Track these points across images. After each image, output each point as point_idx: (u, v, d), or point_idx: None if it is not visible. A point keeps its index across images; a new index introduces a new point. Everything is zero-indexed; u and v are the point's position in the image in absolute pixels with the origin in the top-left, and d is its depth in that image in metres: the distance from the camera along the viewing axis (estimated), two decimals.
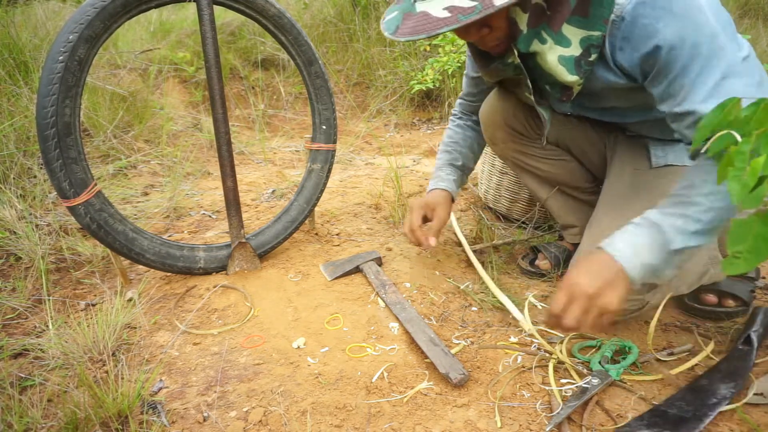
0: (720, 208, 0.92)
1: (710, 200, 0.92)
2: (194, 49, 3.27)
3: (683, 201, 0.95)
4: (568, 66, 1.05)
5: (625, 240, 0.96)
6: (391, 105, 3.37)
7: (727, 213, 0.94)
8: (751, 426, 0.95)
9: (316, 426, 0.96)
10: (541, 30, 1.03)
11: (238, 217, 1.44)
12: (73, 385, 1.03)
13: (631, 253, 0.95)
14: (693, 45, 0.91)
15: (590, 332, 1.05)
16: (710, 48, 0.90)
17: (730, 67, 0.91)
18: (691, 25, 0.90)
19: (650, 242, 0.94)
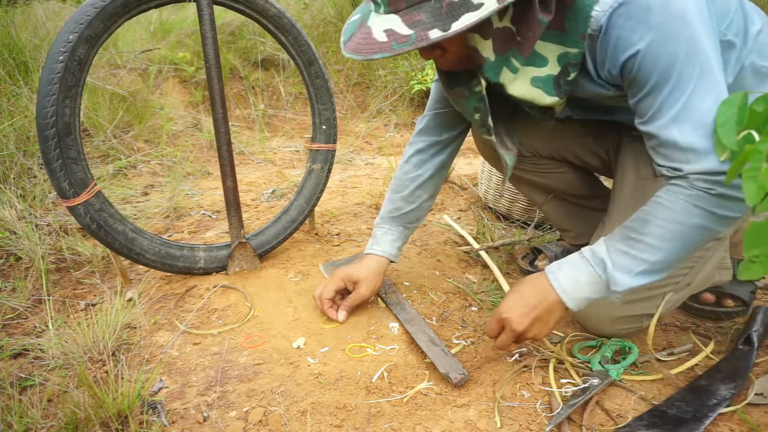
0: (671, 249, 0.90)
1: (662, 238, 0.90)
2: (194, 49, 3.26)
3: (633, 237, 0.93)
4: (545, 87, 0.96)
5: (569, 275, 0.97)
6: (391, 105, 3.37)
7: (680, 253, 0.92)
8: (751, 426, 0.95)
9: (316, 426, 0.96)
10: (510, 57, 0.92)
11: (238, 217, 1.44)
12: (73, 385, 1.03)
13: (572, 289, 0.96)
14: (666, 63, 0.84)
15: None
16: (684, 66, 0.84)
17: (702, 85, 0.85)
18: (666, 39, 0.83)
19: (593, 280, 0.95)
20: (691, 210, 0.88)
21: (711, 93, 0.85)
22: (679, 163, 0.88)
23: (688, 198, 0.88)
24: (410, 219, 1.33)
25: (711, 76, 0.85)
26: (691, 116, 0.85)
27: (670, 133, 0.87)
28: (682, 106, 0.86)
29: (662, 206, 0.91)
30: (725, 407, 0.98)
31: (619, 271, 0.92)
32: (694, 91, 0.85)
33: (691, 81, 0.84)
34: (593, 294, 0.96)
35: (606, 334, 1.20)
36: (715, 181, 0.85)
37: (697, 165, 0.86)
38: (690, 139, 0.85)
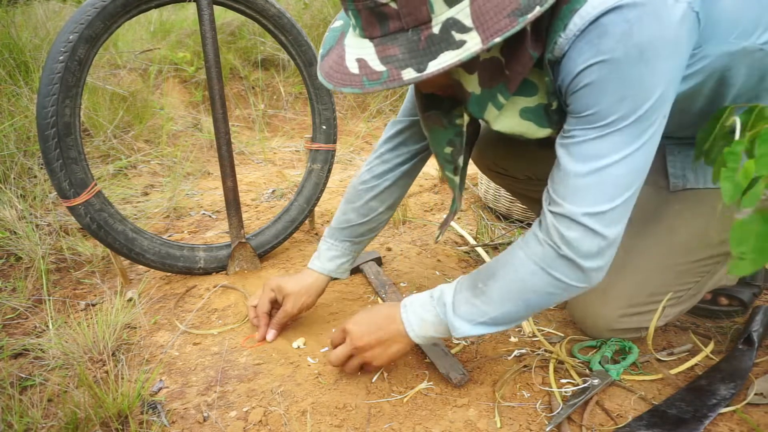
0: (512, 308, 0.89)
1: (503, 297, 0.89)
2: (194, 49, 3.26)
3: (479, 287, 0.91)
4: (536, 119, 0.88)
5: (417, 312, 0.96)
6: (391, 105, 3.37)
7: (522, 313, 0.90)
8: (751, 426, 0.95)
9: (316, 426, 0.96)
10: (496, 92, 0.84)
11: (238, 217, 1.44)
12: (73, 385, 1.03)
13: (417, 325, 0.96)
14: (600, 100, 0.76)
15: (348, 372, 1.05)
16: (618, 111, 0.76)
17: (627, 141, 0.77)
18: (611, 73, 0.74)
19: (436, 321, 0.94)
20: (537, 274, 0.85)
21: (627, 147, 0.78)
22: (557, 196, 0.83)
23: (536, 259, 0.85)
24: (360, 232, 1.21)
25: (641, 126, 0.77)
26: (593, 161, 0.79)
27: (568, 164, 0.81)
28: (591, 145, 0.79)
29: (511, 265, 0.88)
30: (725, 407, 0.98)
31: (459, 318, 0.91)
32: (612, 135, 0.77)
33: (618, 124, 0.77)
34: (436, 333, 0.95)
35: (603, 338, 1.20)
36: (562, 236, 0.82)
37: (566, 206, 0.81)
38: (578, 182, 0.80)
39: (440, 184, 2.21)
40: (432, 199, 2.08)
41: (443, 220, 1.14)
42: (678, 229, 1.06)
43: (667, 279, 1.10)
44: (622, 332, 1.16)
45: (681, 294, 1.12)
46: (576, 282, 0.85)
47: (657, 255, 1.10)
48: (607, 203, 0.80)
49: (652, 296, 1.10)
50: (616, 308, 1.12)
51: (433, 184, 2.21)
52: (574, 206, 0.81)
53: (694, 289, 1.14)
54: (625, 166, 0.79)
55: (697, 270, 1.11)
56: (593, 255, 0.82)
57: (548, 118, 0.87)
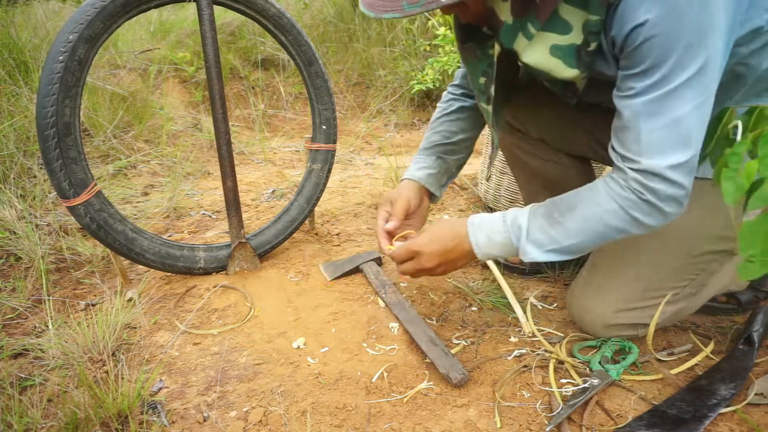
0: (585, 239, 0.94)
1: (579, 228, 0.93)
2: (194, 49, 3.26)
3: (555, 218, 0.96)
4: (565, 58, 0.89)
5: (486, 233, 1.01)
6: (391, 105, 3.37)
7: (592, 245, 0.95)
8: (751, 426, 0.95)
9: (316, 426, 0.96)
10: (527, 22, 0.87)
11: (238, 217, 1.44)
12: (73, 385, 1.03)
13: (485, 245, 1.01)
14: (664, 48, 0.79)
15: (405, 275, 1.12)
16: (682, 57, 0.79)
17: (690, 85, 0.81)
18: (672, 20, 0.77)
19: (506, 243, 1.00)
20: (617, 213, 0.90)
21: (695, 98, 0.81)
22: (631, 153, 0.87)
23: (619, 200, 0.90)
24: (446, 150, 1.29)
25: (704, 79, 0.81)
26: (665, 114, 0.83)
27: (638, 122, 0.85)
28: (659, 100, 0.82)
29: (593, 200, 0.93)
30: (725, 407, 0.98)
31: (531, 244, 0.97)
32: (680, 88, 0.81)
33: (682, 76, 0.80)
34: (501, 254, 1.02)
35: (601, 337, 1.20)
36: (647, 186, 0.86)
37: (644, 162, 0.85)
38: (653, 137, 0.84)
39: None
40: None
41: (489, 157, 1.23)
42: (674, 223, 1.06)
43: (662, 275, 1.11)
44: (618, 328, 1.16)
45: (677, 291, 1.12)
46: (654, 223, 0.90)
47: (651, 250, 1.11)
48: (683, 155, 0.84)
49: (647, 292, 1.11)
50: (612, 304, 1.13)
51: None
52: (652, 161, 0.85)
53: (692, 287, 1.13)
54: (694, 116, 0.82)
55: (694, 266, 1.11)
56: (674, 202, 0.88)
57: (578, 58, 0.89)
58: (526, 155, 1.41)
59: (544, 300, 1.40)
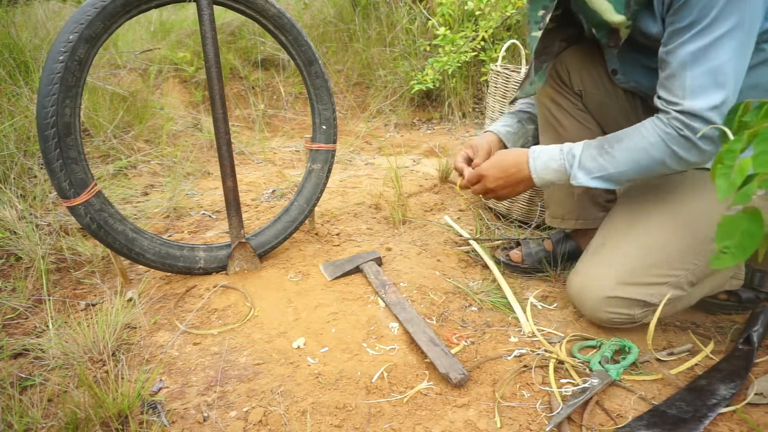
0: (629, 169, 1.06)
1: (626, 158, 1.06)
2: (194, 49, 3.27)
3: (605, 148, 1.09)
4: (615, 4, 1.03)
5: (544, 159, 1.15)
6: (391, 105, 3.37)
7: (635, 175, 1.07)
8: (751, 426, 0.95)
9: (316, 426, 0.97)
10: None
11: (238, 217, 1.44)
12: (73, 385, 1.03)
13: (542, 170, 1.15)
14: (706, 3, 0.91)
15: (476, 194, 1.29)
16: (722, 11, 0.91)
17: (731, 36, 0.92)
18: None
19: (560, 169, 1.13)
20: (659, 146, 1.02)
21: (734, 48, 0.93)
22: (676, 97, 0.99)
23: (661, 134, 1.02)
24: (525, 118, 1.49)
25: (741, 32, 0.92)
26: (706, 62, 0.94)
27: (684, 69, 0.96)
28: (703, 49, 0.94)
29: (639, 133, 1.05)
30: (725, 407, 0.98)
31: (581, 170, 1.10)
32: (720, 39, 0.92)
33: (723, 27, 0.92)
34: (555, 179, 1.15)
35: (598, 319, 1.22)
36: (687, 124, 0.98)
37: (687, 103, 0.97)
38: (696, 82, 0.95)
39: (440, 184, 2.21)
40: (432, 199, 2.08)
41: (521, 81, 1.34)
42: (687, 203, 1.15)
43: (668, 254, 1.14)
44: (616, 303, 1.18)
45: (680, 275, 1.15)
46: (691, 158, 1.02)
47: (660, 228, 1.16)
48: (719, 97, 0.95)
49: (652, 268, 1.15)
50: (616, 274, 1.17)
51: (433, 184, 2.21)
52: (694, 102, 0.96)
53: (693, 275, 1.16)
54: (732, 64, 0.94)
55: (698, 251, 1.14)
56: (709, 140, 0.99)
57: (627, 6, 1.03)
58: (561, 113, 1.44)
59: (544, 300, 1.41)
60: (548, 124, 1.47)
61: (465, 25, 3.15)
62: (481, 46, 3.08)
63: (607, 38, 1.15)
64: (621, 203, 1.30)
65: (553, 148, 1.15)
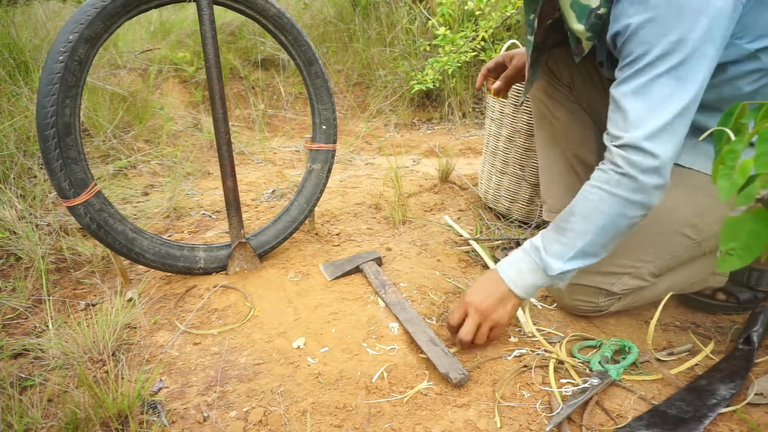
0: (595, 234, 1.02)
1: (585, 227, 1.02)
2: (194, 49, 3.27)
3: (561, 227, 1.05)
4: (578, 12, 1.04)
5: (512, 265, 1.10)
6: (391, 105, 3.37)
7: (604, 238, 1.02)
8: (751, 426, 0.95)
9: (316, 426, 0.97)
10: None
11: (238, 217, 1.44)
12: (73, 385, 1.03)
13: (516, 277, 1.08)
14: (648, 43, 0.92)
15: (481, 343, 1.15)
16: (663, 52, 0.91)
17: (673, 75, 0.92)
18: (656, 23, 0.91)
19: (532, 267, 1.07)
20: (606, 198, 1.00)
21: (674, 85, 0.93)
22: (619, 130, 0.98)
23: (603, 185, 1.00)
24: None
25: (685, 77, 0.92)
26: (646, 97, 0.94)
27: (626, 102, 0.96)
28: (643, 85, 0.94)
29: (584, 198, 1.03)
30: (725, 407, 0.98)
31: (552, 257, 1.04)
32: (660, 76, 0.93)
33: (663, 66, 0.92)
34: (536, 280, 1.07)
35: (566, 306, 1.28)
36: (627, 159, 0.96)
37: (626, 135, 0.96)
38: (635, 114, 0.95)
39: (440, 184, 2.21)
40: (432, 199, 2.08)
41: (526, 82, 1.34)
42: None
43: (632, 245, 1.17)
44: (581, 291, 1.23)
45: (640, 265, 1.19)
46: (641, 198, 0.98)
47: None
48: (658, 125, 0.94)
49: (614, 258, 1.16)
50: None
51: (433, 184, 2.21)
52: (633, 134, 0.96)
53: (656, 267, 1.19)
54: (672, 100, 0.93)
55: (662, 245, 1.18)
56: (651, 172, 0.96)
57: (587, 18, 1.04)
58: (554, 105, 1.46)
59: (544, 300, 1.41)
60: (542, 117, 1.50)
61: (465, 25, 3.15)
62: (481, 46, 3.08)
63: (575, 45, 1.17)
64: None
65: (515, 252, 1.12)
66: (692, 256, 1.20)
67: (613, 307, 1.26)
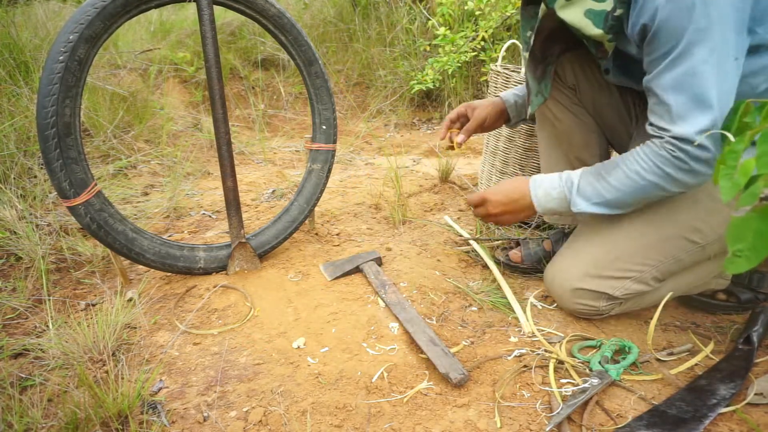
0: (626, 194, 1.08)
1: (622, 183, 1.07)
2: (194, 49, 3.27)
3: (601, 174, 1.11)
4: (594, 20, 1.05)
5: (545, 187, 1.17)
6: (391, 105, 3.37)
7: (632, 199, 1.09)
8: (751, 426, 0.95)
9: (316, 426, 0.97)
10: None
11: (238, 217, 1.44)
12: (73, 385, 1.03)
13: (543, 197, 1.17)
14: (678, 30, 0.93)
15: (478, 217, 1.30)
16: (695, 38, 0.92)
17: (710, 61, 0.93)
18: (682, 10, 0.92)
19: (560, 196, 1.15)
20: (653, 169, 1.03)
21: (712, 71, 0.93)
22: (666, 123, 1.00)
23: (654, 158, 1.02)
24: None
25: (716, 54, 0.93)
26: (689, 88, 0.95)
27: (668, 96, 0.98)
28: (682, 76, 0.95)
29: (633, 158, 1.06)
30: (725, 407, 0.98)
31: (580, 196, 1.12)
32: (696, 65, 0.93)
33: (696, 54, 0.93)
34: (558, 207, 1.16)
35: (567, 309, 1.28)
36: (680, 147, 0.99)
37: (676, 129, 0.98)
38: (680, 109, 0.97)
39: (440, 184, 2.21)
40: (432, 199, 2.08)
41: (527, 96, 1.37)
42: (654, 206, 1.17)
43: (634, 249, 1.18)
44: (583, 295, 1.23)
45: (644, 269, 1.19)
46: (687, 179, 1.02)
47: (629, 225, 1.20)
48: (705, 121, 0.96)
49: (616, 261, 1.19)
50: (583, 266, 1.22)
51: (433, 184, 2.21)
52: (682, 128, 0.97)
53: (658, 271, 1.20)
54: (713, 87, 0.94)
55: (664, 249, 1.18)
56: (702, 162, 0.99)
57: (605, 22, 1.04)
58: (557, 107, 1.47)
59: (544, 300, 1.41)
60: (545, 118, 1.50)
61: (465, 25, 3.15)
62: (481, 46, 3.08)
63: (595, 50, 1.17)
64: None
65: (553, 176, 1.17)
66: (696, 260, 1.20)
67: (614, 312, 1.26)
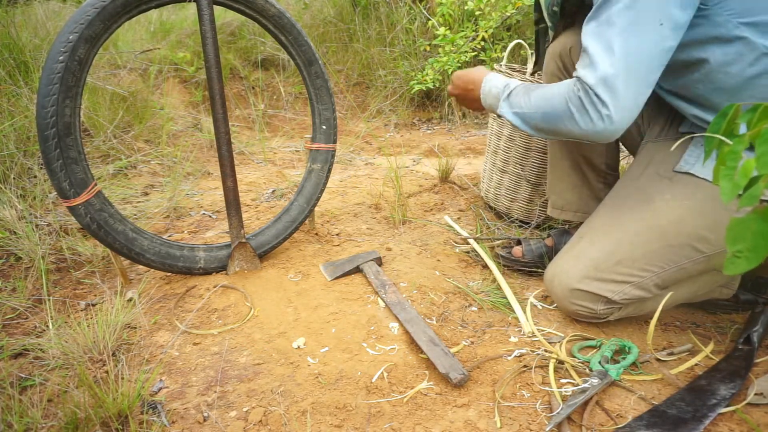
0: (536, 113, 1.16)
1: (536, 103, 1.15)
2: (194, 49, 3.27)
3: (530, 89, 1.19)
4: None
5: (493, 83, 1.27)
6: (391, 105, 3.37)
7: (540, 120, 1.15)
8: (751, 426, 0.95)
9: (316, 426, 0.97)
10: None
11: (238, 217, 1.44)
12: (73, 385, 1.03)
13: (487, 93, 1.28)
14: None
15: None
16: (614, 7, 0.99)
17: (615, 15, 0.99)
18: None
19: (496, 95, 1.26)
20: (561, 99, 1.09)
21: (624, 27, 0.99)
22: (580, 66, 1.06)
23: (566, 91, 1.08)
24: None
25: (641, 14, 0.98)
26: (602, 34, 1.01)
27: (587, 41, 1.04)
28: (602, 23, 1.02)
29: (555, 85, 1.13)
30: (725, 407, 0.98)
31: (506, 102, 1.23)
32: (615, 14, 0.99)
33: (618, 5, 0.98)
34: (492, 102, 1.27)
35: (565, 309, 1.27)
36: (583, 89, 1.04)
37: (581, 71, 1.05)
38: (594, 54, 1.02)
39: (440, 184, 2.21)
40: (432, 199, 2.08)
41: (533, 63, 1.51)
42: (661, 212, 1.16)
43: (636, 253, 1.17)
44: (581, 296, 1.21)
45: (646, 275, 1.18)
46: (581, 122, 1.07)
47: (633, 230, 1.18)
48: (608, 71, 1.00)
49: (618, 265, 1.17)
50: (583, 267, 1.20)
51: (433, 184, 2.21)
52: (587, 73, 1.03)
53: (660, 278, 1.18)
54: (620, 41, 0.99)
55: (668, 255, 1.16)
56: (595, 111, 1.04)
57: None
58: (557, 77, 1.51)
59: (544, 300, 1.41)
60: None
61: (465, 25, 3.15)
62: (481, 46, 3.08)
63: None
64: (606, 203, 1.32)
65: (504, 78, 1.27)
66: (700, 270, 1.18)
67: (612, 317, 1.24)
